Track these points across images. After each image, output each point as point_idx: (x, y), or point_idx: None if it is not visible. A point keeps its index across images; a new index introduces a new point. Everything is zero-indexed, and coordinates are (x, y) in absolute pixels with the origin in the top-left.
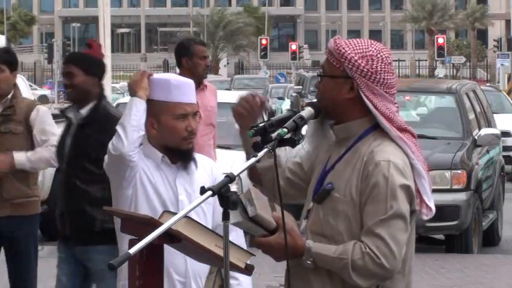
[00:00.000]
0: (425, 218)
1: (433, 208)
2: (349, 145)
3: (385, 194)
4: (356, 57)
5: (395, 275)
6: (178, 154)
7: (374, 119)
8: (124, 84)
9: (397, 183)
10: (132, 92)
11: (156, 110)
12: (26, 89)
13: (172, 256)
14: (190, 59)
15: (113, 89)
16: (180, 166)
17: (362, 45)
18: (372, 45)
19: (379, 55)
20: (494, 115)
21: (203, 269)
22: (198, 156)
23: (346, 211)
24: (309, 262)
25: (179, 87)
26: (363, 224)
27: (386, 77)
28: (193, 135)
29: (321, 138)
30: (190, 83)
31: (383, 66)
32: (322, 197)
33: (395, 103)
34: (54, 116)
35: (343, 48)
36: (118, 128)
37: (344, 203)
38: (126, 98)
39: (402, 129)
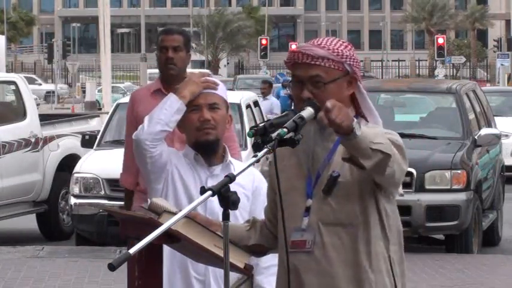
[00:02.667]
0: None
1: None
2: (337, 139)
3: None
4: (351, 52)
5: (396, 246)
6: (201, 148)
7: (354, 109)
8: (128, 84)
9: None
10: (181, 88)
11: None
12: (26, 89)
13: None
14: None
15: (116, 89)
16: (216, 167)
17: (337, 41)
18: (340, 41)
19: (349, 44)
20: None
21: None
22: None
23: (357, 190)
24: (357, 133)
25: None
26: (371, 190)
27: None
28: (209, 125)
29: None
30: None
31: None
32: (331, 187)
33: None
34: (55, 116)
35: (337, 49)
36: (146, 117)
37: (352, 184)
38: (126, 98)
39: None
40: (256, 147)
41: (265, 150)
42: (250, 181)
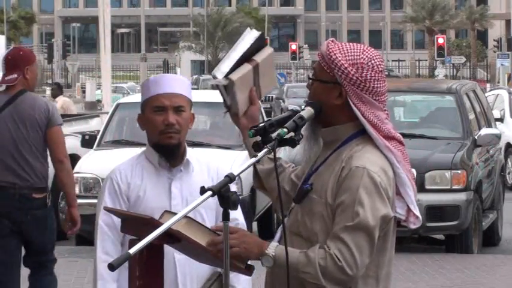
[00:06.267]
0: (412, 226)
1: (420, 217)
2: (334, 148)
3: (353, 200)
4: (346, 65)
5: (368, 279)
6: (163, 151)
7: (361, 124)
8: (131, 84)
9: (365, 192)
10: None
11: (142, 110)
12: None
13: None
14: None
15: (119, 89)
16: (177, 169)
17: (354, 52)
18: (364, 52)
19: (369, 63)
20: None
21: (196, 274)
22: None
23: (322, 212)
24: (270, 256)
25: (156, 81)
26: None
27: (376, 85)
28: (173, 129)
29: (312, 142)
30: (170, 76)
31: (373, 75)
32: (301, 197)
33: (385, 110)
34: None
35: (335, 54)
36: None
37: (320, 204)
38: (126, 98)
39: (389, 137)
40: (256, 147)
41: (265, 150)
42: (211, 176)
